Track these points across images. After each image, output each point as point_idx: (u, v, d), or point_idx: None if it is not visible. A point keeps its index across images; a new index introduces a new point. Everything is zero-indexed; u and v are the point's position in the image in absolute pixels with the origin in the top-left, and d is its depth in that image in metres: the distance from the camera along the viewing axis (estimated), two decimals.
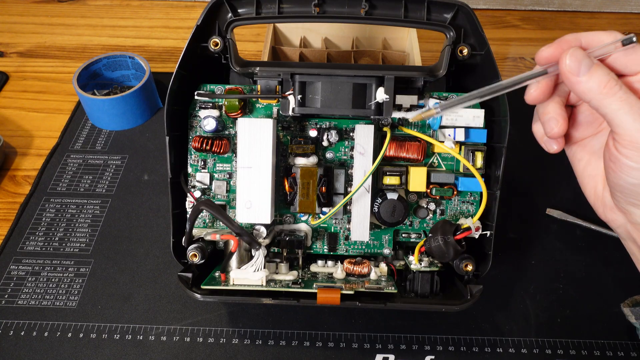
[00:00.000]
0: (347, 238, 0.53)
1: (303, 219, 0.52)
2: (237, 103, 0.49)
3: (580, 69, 0.33)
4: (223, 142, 0.50)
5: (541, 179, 0.67)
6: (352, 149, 0.51)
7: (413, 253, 0.50)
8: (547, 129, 0.38)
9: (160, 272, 0.57)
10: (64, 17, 0.93)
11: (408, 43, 0.76)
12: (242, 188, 0.48)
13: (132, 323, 0.53)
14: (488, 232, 0.49)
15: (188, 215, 0.51)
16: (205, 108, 0.50)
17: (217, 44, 0.49)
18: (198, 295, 0.46)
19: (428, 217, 0.52)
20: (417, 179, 0.49)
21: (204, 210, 0.47)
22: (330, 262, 0.51)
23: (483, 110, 0.49)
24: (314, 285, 0.47)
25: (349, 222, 0.52)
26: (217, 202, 0.52)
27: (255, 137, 0.47)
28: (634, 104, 0.33)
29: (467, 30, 0.48)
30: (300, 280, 0.48)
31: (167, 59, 0.85)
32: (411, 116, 0.45)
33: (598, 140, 0.39)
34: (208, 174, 0.52)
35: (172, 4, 0.96)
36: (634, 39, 0.34)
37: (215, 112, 0.50)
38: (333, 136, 0.50)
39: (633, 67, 0.34)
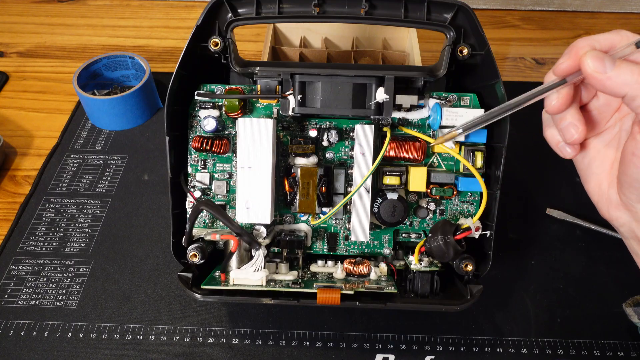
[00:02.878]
0: (347, 238, 0.53)
1: (303, 219, 0.52)
2: (237, 103, 0.49)
3: (605, 66, 0.33)
4: (223, 142, 0.50)
5: (541, 179, 0.67)
6: (352, 149, 0.51)
7: (413, 253, 0.50)
8: (567, 135, 0.37)
9: (160, 272, 0.57)
10: (64, 17, 0.94)
11: (408, 43, 0.76)
12: (242, 188, 0.48)
13: (132, 323, 0.53)
14: (488, 232, 0.49)
15: (188, 215, 0.51)
16: (205, 108, 0.50)
17: (217, 44, 0.49)
18: (198, 295, 0.46)
19: (428, 217, 0.52)
20: (417, 179, 0.49)
21: (204, 210, 0.47)
22: (330, 262, 0.51)
23: (483, 110, 0.49)
24: (314, 285, 0.47)
25: (349, 222, 0.52)
26: (217, 202, 0.52)
27: (255, 137, 0.47)
28: None
29: (467, 30, 0.48)
30: (300, 280, 0.48)
31: (167, 59, 0.85)
32: (433, 142, 0.45)
33: (603, 138, 0.39)
34: (208, 174, 0.52)
35: (172, 4, 0.97)
36: None
37: (215, 112, 0.50)
38: (333, 136, 0.50)
39: None
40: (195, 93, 0.50)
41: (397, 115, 0.50)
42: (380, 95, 0.47)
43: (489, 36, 0.47)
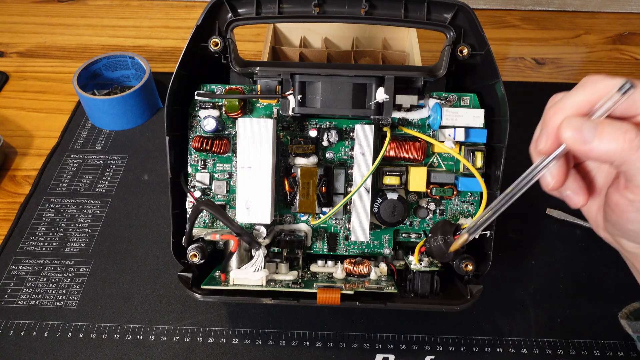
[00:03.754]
0: (347, 238, 0.53)
1: (303, 219, 0.52)
2: (237, 103, 0.49)
3: (584, 136, 0.30)
4: (223, 142, 0.50)
5: None
6: (352, 149, 0.51)
7: (413, 253, 0.50)
8: (571, 204, 0.35)
9: (160, 272, 0.57)
10: (64, 17, 0.94)
11: (408, 43, 0.76)
12: (242, 188, 0.48)
13: (132, 323, 0.53)
14: (488, 232, 0.49)
15: (188, 215, 0.51)
16: (205, 108, 0.50)
17: (217, 44, 0.49)
18: (198, 295, 0.46)
19: (428, 217, 0.52)
20: (417, 179, 0.49)
21: (204, 210, 0.47)
22: (330, 262, 0.51)
23: (483, 110, 0.49)
24: (314, 285, 0.47)
25: (349, 222, 0.52)
26: (217, 202, 0.52)
27: (255, 137, 0.47)
28: None
29: (467, 30, 0.48)
30: (300, 280, 0.48)
31: (167, 59, 0.85)
32: (452, 248, 0.43)
33: (596, 165, 0.36)
34: (208, 174, 0.52)
35: (172, 4, 0.96)
36: (628, 84, 0.30)
37: (215, 112, 0.50)
38: (333, 136, 0.50)
39: (636, 109, 0.31)
40: (195, 93, 0.50)
41: (397, 115, 0.50)
42: (380, 95, 0.47)
43: (489, 36, 0.47)
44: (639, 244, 0.34)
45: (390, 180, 0.49)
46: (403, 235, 0.53)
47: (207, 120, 0.49)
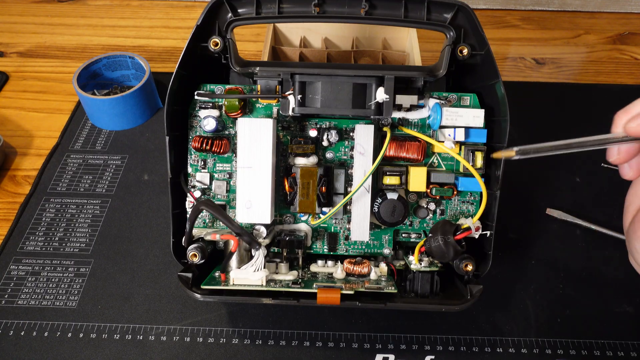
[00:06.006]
0: (347, 238, 0.53)
1: (303, 219, 0.52)
2: (237, 103, 0.49)
3: None
4: (223, 142, 0.50)
5: (541, 179, 0.67)
6: (352, 149, 0.51)
7: (413, 253, 0.50)
8: (621, 173, 0.35)
9: (160, 272, 0.57)
10: (64, 17, 0.94)
11: (408, 43, 0.76)
12: (242, 188, 0.48)
13: (132, 323, 0.53)
14: (488, 232, 0.49)
15: (188, 215, 0.51)
16: (205, 108, 0.50)
17: (217, 44, 0.49)
18: (198, 295, 0.46)
19: (428, 217, 0.52)
20: (417, 179, 0.49)
21: (204, 210, 0.47)
22: (330, 262, 0.51)
23: (483, 110, 0.49)
24: (314, 285, 0.47)
25: (349, 222, 0.52)
26: (217, 202, 0.52)
27: (255, 137, 0.47)
28: None
29: (467, 30, 0.48)
30: (300, 280, 0.48)
31: (167, 59, 0.85)
32: (495, 155, 0.42)
33: None
34: (208, 174, 0.52)
35: (172, 4, 0.97)
36: None
37: (215, 112, 0.50)
38: (333, 136, 0.50)
39: None
40: (195, 93, 0.50)
41: (397, 115, 0.50)
42: (380, 95, 0.47)
43: (489, 36, 0.47)
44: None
45: (390, 180, 0.49)
46: (403, 235, 0.53)
47: (207, 120, 0.49)
